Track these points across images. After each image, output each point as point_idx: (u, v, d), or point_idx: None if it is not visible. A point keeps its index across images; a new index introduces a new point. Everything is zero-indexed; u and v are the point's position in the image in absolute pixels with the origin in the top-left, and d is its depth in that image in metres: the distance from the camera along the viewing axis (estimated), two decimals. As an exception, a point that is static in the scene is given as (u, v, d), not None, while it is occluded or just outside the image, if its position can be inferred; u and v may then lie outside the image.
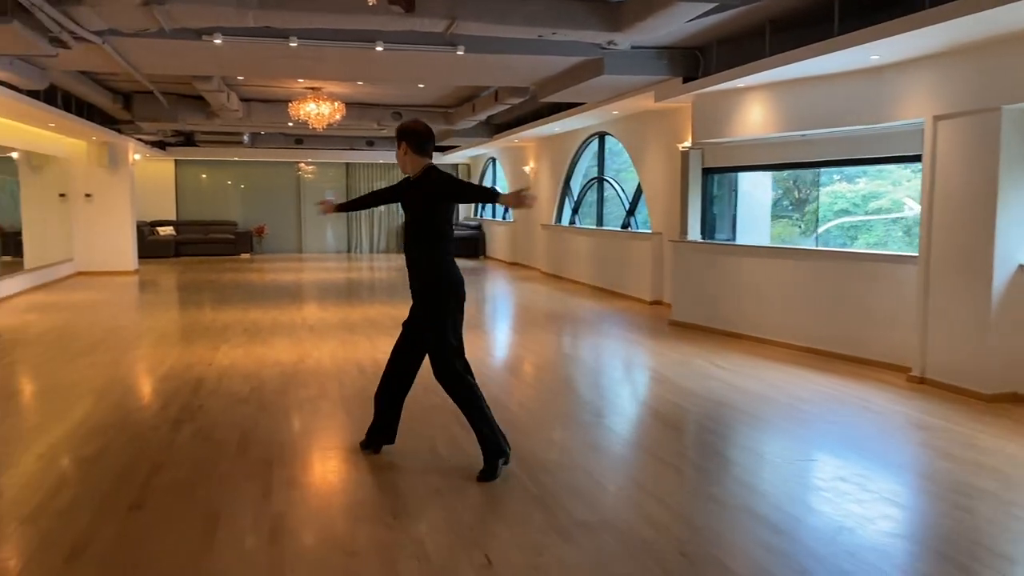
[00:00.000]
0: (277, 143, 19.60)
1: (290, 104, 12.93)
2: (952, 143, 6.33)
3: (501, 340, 9.41)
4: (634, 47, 8.18)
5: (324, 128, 13.35)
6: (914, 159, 7.44)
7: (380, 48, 8.01)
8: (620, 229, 13.26)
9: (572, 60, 8.72)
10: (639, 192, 12.52)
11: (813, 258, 8.07)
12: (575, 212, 15.51)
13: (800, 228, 11.33)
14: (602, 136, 13.93)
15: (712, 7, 6.16)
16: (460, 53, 8.10)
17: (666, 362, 7.56)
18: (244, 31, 7.44)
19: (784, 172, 10.18)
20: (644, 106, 10.76)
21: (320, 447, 4.99)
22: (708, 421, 5.73)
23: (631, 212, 13.02)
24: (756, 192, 9.95)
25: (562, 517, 3.79)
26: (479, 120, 14.83)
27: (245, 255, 21.14)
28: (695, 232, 9.68)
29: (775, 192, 10.50)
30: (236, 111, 13.23)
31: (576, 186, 15.51)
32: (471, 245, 21.09)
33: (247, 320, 9.93)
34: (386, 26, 6.96)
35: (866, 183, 10.64)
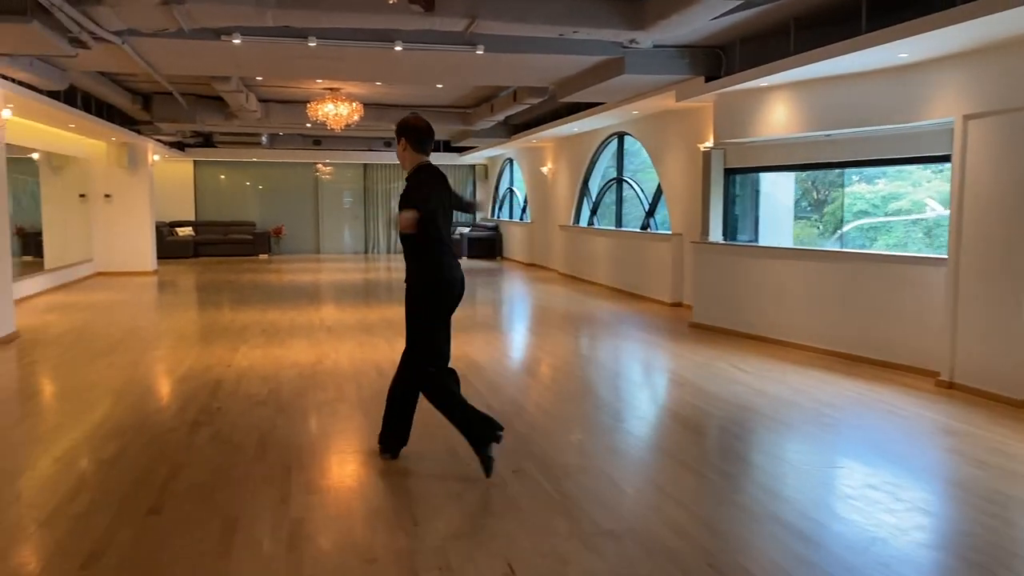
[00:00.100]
0: (295, 144, 19.64)
1: (308, 105, 12.93)
2: (983, 143, 6.19)
3: (519, 341, 9.35)
4: (656, 46, 8.09)
5: (342, 129, 13.34)
6: (942, 159, 7.32)
7: (399, 48, 7.96)
8: (639, 230, 13.15)
9: (592, 59, 8.63)
10: (659, 193, 12.40)
11: (838, 260, 7.94)
12: (593, 213, 15.41)
13: (819, 229, 11.17)
14: (621, 136, 13.82)
15: (737, 4, 6.05)
16: (480, 53, 8.03)
17: (687, 365, 7.46)
18: (263, 31, 7.42)
19: (802, 173, 10.03)
20: (665, 106, 10.65)
21: (338, 450, 4.94)
22: (731, 425, 5.63)
23: (650, 213, 12.91)
24: (778, 193, 9.82)
25: (586, 524, 3.71)
26: (497, 120, 14.76)
27: (263, 256, 21.19)
28: (717, 233, 9.57)
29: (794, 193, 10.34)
30: (254, 112, 13.25)
31: (594, 187, 15.41)
32: (488, 246, 21.03)
33: (265, 321, 9.92)
34: (405, 25, 6.92)
35: (885, 184, 10.47)
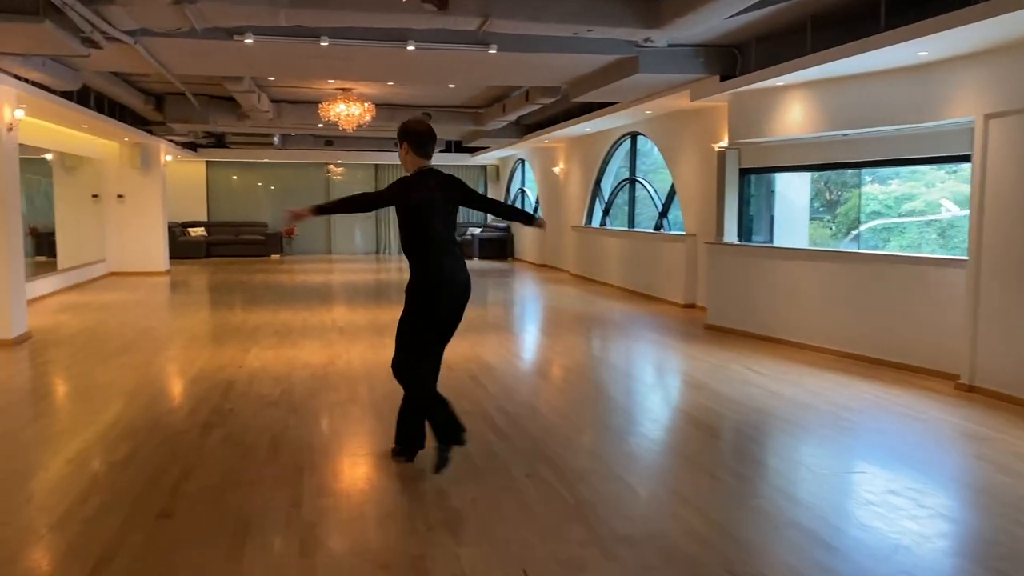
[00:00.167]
0: (307, 145, 19.64)
1: (320, 105, 12.92)
2: (1004, 142, 6.08)
3: (530, 343, 9.28)
4: (671, 45, 8.02)
5: (354, 129, 13.32)
6: (960, 159, 7.22)
7: (411, 47, 7.91)
8: (652, 231, 13.07)
9: (606, 58, 8.56)
10: (672, 193, 12.32)
11: (855, 261, 7.84)
12: (606, 213, 15.33)
13: (831, 230, 11.05)
14: (634, 136, 13.74)
15: (754, 1, 5.98)
16: (492, 52, 7.98)
17: (702, 367, 7.38)
18: (275, 30, 7.39)
19: (816, 173, 9.91)
20: (679, 105, 10.57)
21: (350, 453, 4.90)
22: (748, 429, 5.55)
23: (664, 213, 12.82)
24: (793, 193, 9.72)
25: (602, 530, 3.64)
26: (509, 120, 14.70)
27: (275, 256, 21.21)
28: (731, 234, 9.47)
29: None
30: (267, 112, 13.24)
31: (607, 187, 15.33)
32: (499, 246, 20.97)
33: (277, 322, 9.89)
34: (418, 24, 6.88)
35: (898, 185, 10.35)
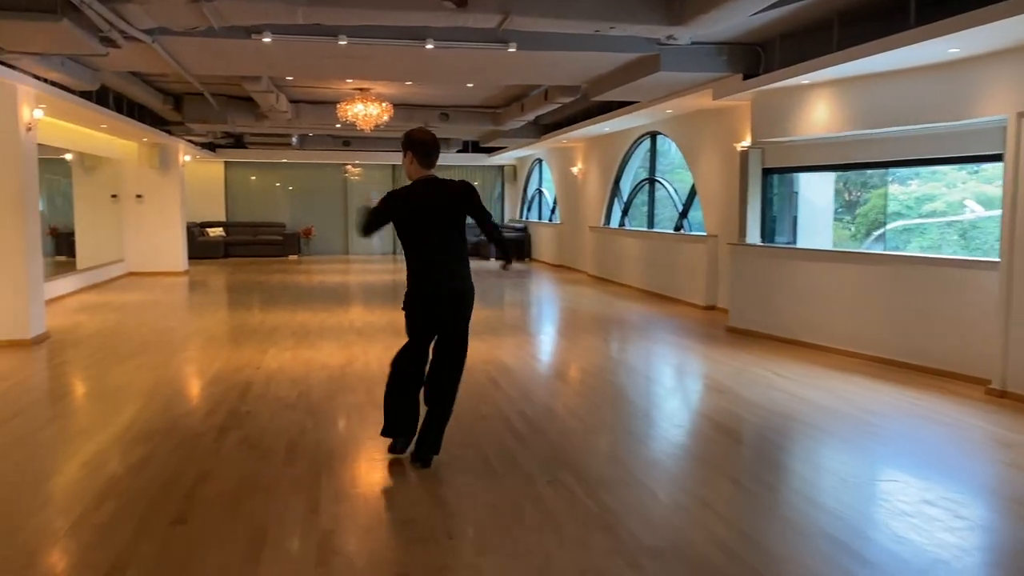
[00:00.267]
0: (325, 145, 19.62)
1: (338, 105, 12.86)
2: (1039, 141, 5.92)
3: (549, 345, 9.17)
4: (693, 43, 7.88)
5: (372, 129, 13.25)
6: (990, 159, 7.06)
7: (430, 46, 7.82)
8: (672, 231, 12.92)
9: (627, 57, 8.43)
10: (692, 193, 12.17)
11: (881, 262, 7.68)
12: (625, 214, 15.19)
13: (850, 231, 10.86)
14: (654, 136, 13.60)
15: (780, -2, 5.85)
16: (512, 50, 7.87)
17: (725, 371, 7.25)
18: (293, 29, 7.32)
19: (836, 173, 9.74)
20: (700, 104, 10.42)
21: (368, 457, 4.80)
22: (774, 435, 5.42)
23: (684, 214, 12.67)
24: (817, 193, 9.55)
25: (626, 540, 3.54)
26: (527, 120, 14.59)
27: (293, 256, 21.22)
28: (754, 235, 9.31)
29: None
30: (285, 112, 13.21)
31: (626, 187, 15.19)
32: (516, 247, 20.82)
33: (295, 322, 9.84)
34: (437, 23, 6.78)
35: (919, 185, 10.16)
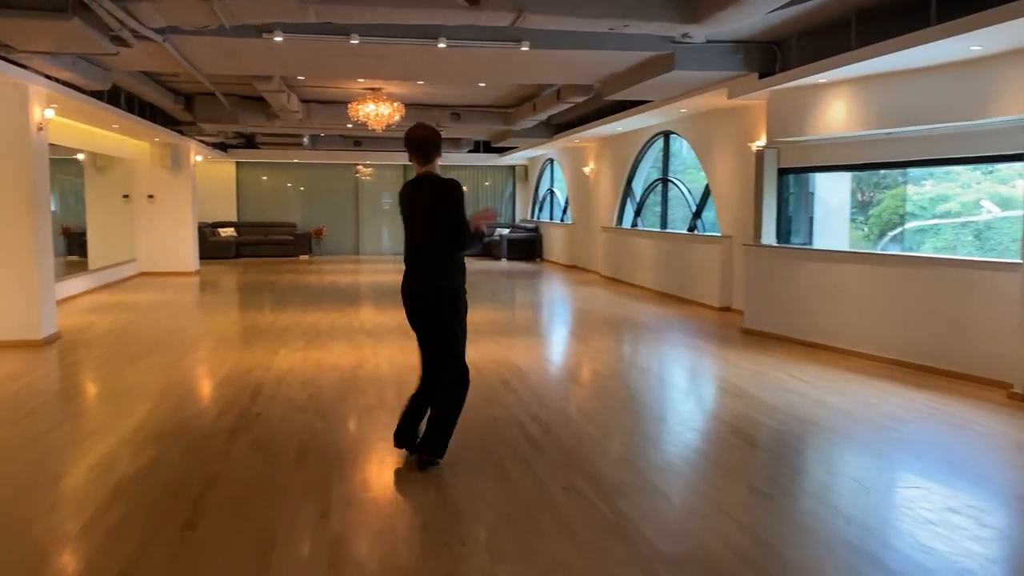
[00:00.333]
0: (336, 145, 19.60)
1: (350, 105, 12.82)
2: (1063, 140, 5.81)
3: (561, 347, 9.09)
4: (709, 41, 7.78)
5: (383, 129, 13.20)
6: (1014, 158, 6.96)
7: (443, 45, 7.76)
8: (686, 232, 12.80)
9: (641, 55, 8.34)
10: (707, 193, 12.06)
11: (899, 264, 7.56)
12: (637, 214, 15.09)
13: (863, 231, 10.71)
14: (667, 135, 13.49)
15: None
16: (525, 49, 7.80)
17: (741, 373, 7.14)
18: (305, 28, 7.26)
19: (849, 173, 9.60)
20: (714, 103, 10.32)
21: (379, 460, 4.73)
22: (793, 440, 5.32)
23: (697, 214, 12.56)
24: (833, 193, 9.44)
25: (644, 549, 3.45)
26: (539, 120, 14.51)
27: (304, 256, 21.21)
28: (770, 235, 9.20)
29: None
30: (296, 112, 13.18)
31: (638, 187, 15.08)
32: (527, 247, 20.76)
33: (306, 323, 9.80)
34: (449, 21, 6.71)
35: (933, 185, 10.02)
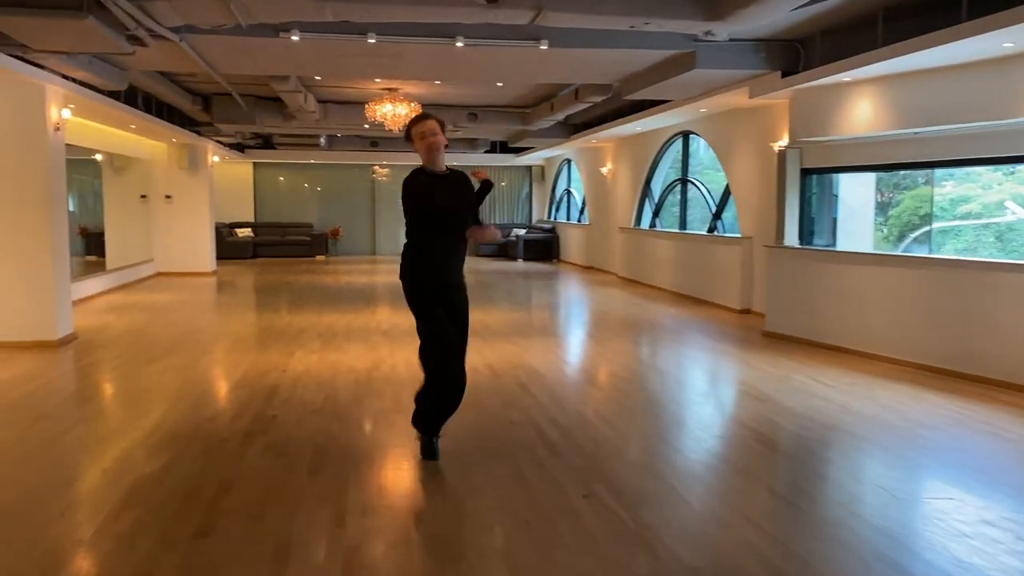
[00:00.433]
0: (353, 146, 19.57)
1: (367, 105, 12.77)
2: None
3: (579, 349, 8.97)
4: (732, 39, 7.65)
5: (400, 129, 13.13)
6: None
7: (460, 44, 7.67)
8: (706, 233, 12.65)
9: (662, 54, 8.22)
10: (727, 194, 11.90)
11: (926, 266, 7.39)
12: (656, 215, 14.94)
13: (883, 232, 10.52)
14: (686, 135, 13.34)
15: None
16: (544, 47, 7.70)
17: (763, 377, 7.01)
18: (322, 27, 7.20)
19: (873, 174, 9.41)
20: (735, 103, 10.17)
21: (396, 466, 4.65)
22: (818, 446, 5.18)
23: (717, 215, 12.40)
24: (857, 194, 9.27)
25: (668, 560, 3.34)
26: (556, 120, 14.40)
27: (320, 257, 21.21)
28: (792, 237, 9.04)
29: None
30: (313, 113, 13.14)
31: (657, 188, 14.94)
32: (544, 248, 20.64)
33: (322, 324, 9.74)
34: (467, 19, 6.62)
35: (953, 186, 9.83)
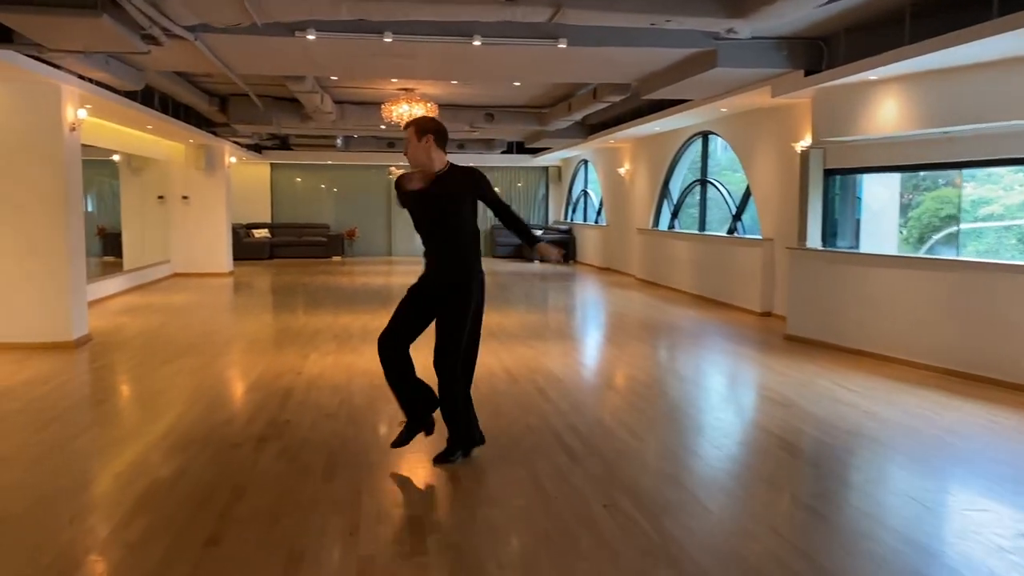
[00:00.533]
0: (369, 147, 19.53)
1: (383, 106, 12.70)
2: None
3: (596, 352, 8.84)
4: (754, 37, 7.50)
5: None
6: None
7: (477, 43, 7.56)
8: (726, 234, 12.49)
9: (682, 52, 8.08)
10: (747, 195, 11.74)
11: (953, 269, 7.21)
12: (674, 216, 14.78)
13: (902, 234, 10.34)
14: (706, 135, 13.18)
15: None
16: (562, 46, 7.58)
17: (786, 382, 6.85)
18: (338, 26, 7.12)
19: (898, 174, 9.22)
20: (757, 102, 10.01)
21: (411, 473, 4.55)
22: (845, 455, 5.04)
23: (738, 216, 12.23)
24: (882, 195, 9.09)
25: (691, 572, 3.22)
26: (574, 120, 14.27)
27: (337, 257, 21.19)
28: (815, 239, 8.87)
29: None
30: (330, 113, 13.09)
31: (675, 188, 14.78)
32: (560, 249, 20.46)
33: (337, 325, 9.66)
34: (485, 17, 6.52)
35: (974, 188, 9.64)
